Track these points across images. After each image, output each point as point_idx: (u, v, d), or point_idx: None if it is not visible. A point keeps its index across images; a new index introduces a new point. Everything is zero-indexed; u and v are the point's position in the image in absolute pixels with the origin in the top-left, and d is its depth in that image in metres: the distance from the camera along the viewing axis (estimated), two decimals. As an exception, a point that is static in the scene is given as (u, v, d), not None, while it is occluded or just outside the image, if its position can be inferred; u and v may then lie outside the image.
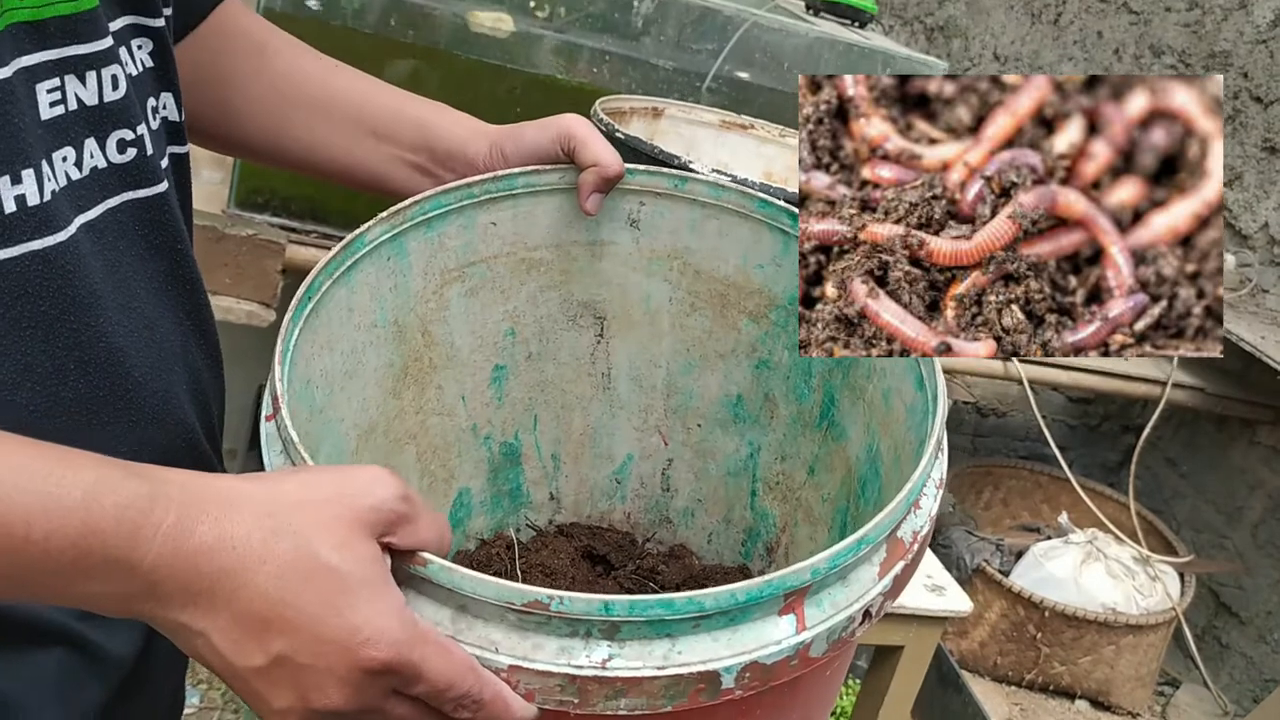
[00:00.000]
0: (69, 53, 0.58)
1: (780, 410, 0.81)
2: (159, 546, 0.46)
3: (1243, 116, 2.52)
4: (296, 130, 0.82)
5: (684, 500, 0.90)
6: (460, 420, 0.85)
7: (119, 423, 0.62)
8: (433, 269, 0.78)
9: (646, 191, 0.79)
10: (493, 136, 0.80)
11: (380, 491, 0.52)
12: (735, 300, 0.80)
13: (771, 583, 0.51)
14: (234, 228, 1.71)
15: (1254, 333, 2.15)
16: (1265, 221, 2.44)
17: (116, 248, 0.62)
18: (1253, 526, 2.39)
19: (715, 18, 2.09)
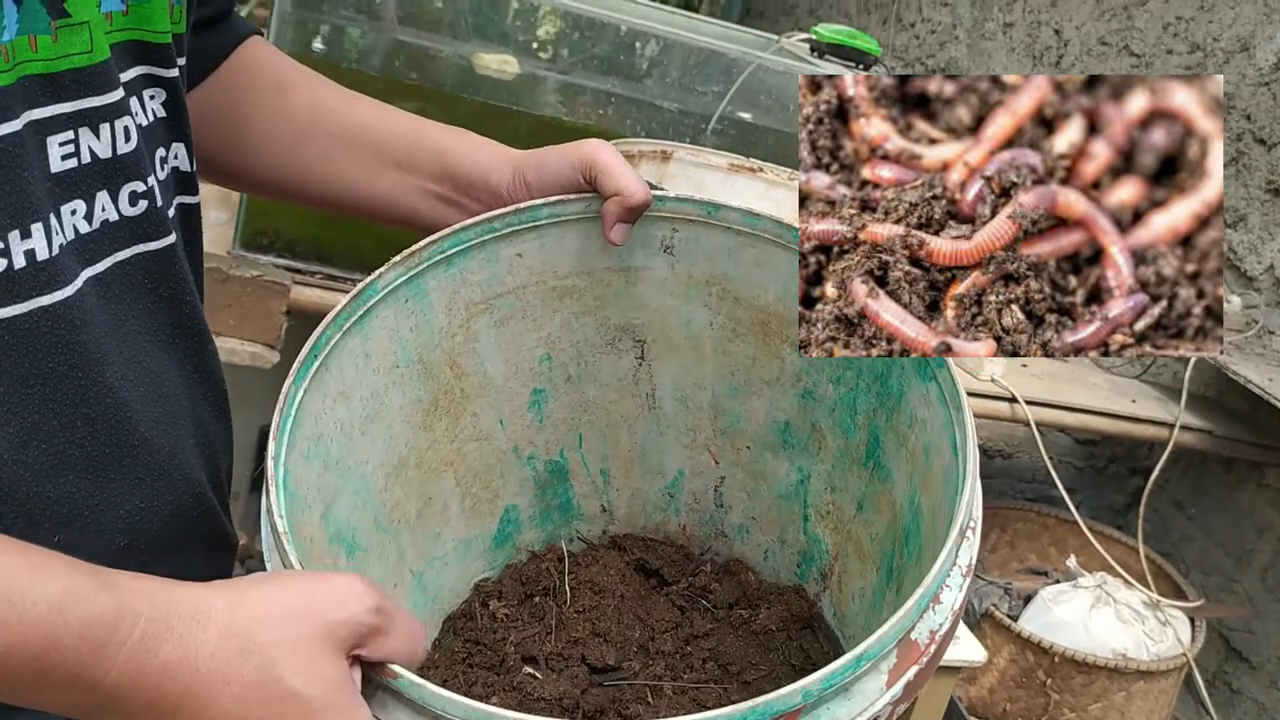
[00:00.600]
0: (83, 105, 0.58)
1: (828, 442, 0.79)
2: (122, 665, 0.46)
3: (1246, 159, 2.52)
4: (316, 165, 0.81)
5: (738, 517, 0.87)
6: (500, 443, 0.84)
7: (125, 479, 0.61)
8: (456, 304, 0.76)
9: (679, 218, 0.75)
10: (516, 163, 0.78)
11: (352, 605, 0.51)
12: (777, 329, 0.77)
13: (756, 709, 0.49)
14: (239, 269, 1.71)
15: (1261, 375, 2.14)
16: (1270, 264, 2.43)
17: (123, 301, 0.61)
18: (1262, 570, 2.37)
19: (720, 60, 2.09)
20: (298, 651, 0.49)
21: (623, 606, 0.83)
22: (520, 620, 0.83)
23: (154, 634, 0.47)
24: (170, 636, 0.47)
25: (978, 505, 0.61)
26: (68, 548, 0.58)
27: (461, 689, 0.79)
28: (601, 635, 0.80)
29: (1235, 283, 2.52)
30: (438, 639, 0.83)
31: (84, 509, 0.58)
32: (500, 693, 0.78)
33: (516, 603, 0.85)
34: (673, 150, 1.23)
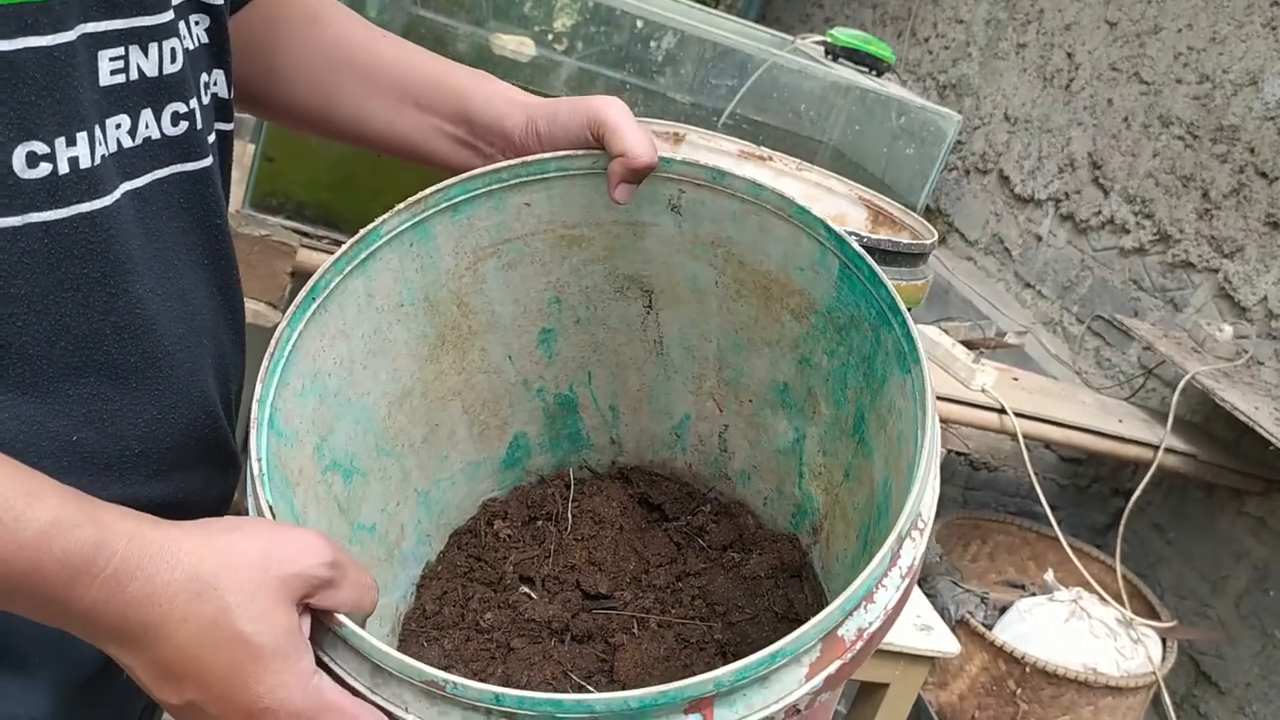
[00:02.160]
0: (135, 24, 0.59)
1: (821, 409, 0.80)
2: (94, 593, 0.50)
3: (1247, 190, 2.55)
4: (343, 99, 0.82)
5: (740, 463, 0.88)
6: (509, 376, 0.85)
7: (146, 389, 0.63)
8: (464, 248, 0.77)
9: (685, 180, 0.75)
10: (530, 111, 0.77)
11: (306, 559, 0.55)
12: (778, 296, 0.78)
13: (668, 693, 0.52)
14: (247, 227, 1.73)
15: (1248, 403, 2.16)
16: (1265, 295, 2.46)
17: (160, 218, 0.63)
18: (1237, 596, 2.40)
19: (735, 56, 2.12)
20: (253, 600, 0.53)
21: (620, 538, 0.85)
22: (522, 541, 0.85)
23: (126, 571, 0.51)
24: (140, 574, 0.51)
25: (929, 508, 0.61)
26: (86, 448, 0.60)
27: (459, 601, 0.81)
28: (597, 564, 0.83)
29: (1229, 312, 2.55)
30: (442, 552, 0.86)
31: (103, 412, 0.60)
32: (495, 609, 0.80)
33: (520, 524, 0.87)
34: (685, 133, 1.25)
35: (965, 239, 3.55)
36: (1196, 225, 2.68)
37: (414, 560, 0.84)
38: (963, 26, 3.87)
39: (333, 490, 0.72)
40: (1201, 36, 2.78)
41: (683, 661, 0.76)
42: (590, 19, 2.30)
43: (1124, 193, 2.92)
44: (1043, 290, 3.16)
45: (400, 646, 0.79)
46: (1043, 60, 3.37)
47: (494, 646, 0.78)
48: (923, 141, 2.19)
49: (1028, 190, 3.29)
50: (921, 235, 1.25)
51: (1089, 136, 3.10)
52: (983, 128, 3.58)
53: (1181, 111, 2.79)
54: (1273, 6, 2.59)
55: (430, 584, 0.83)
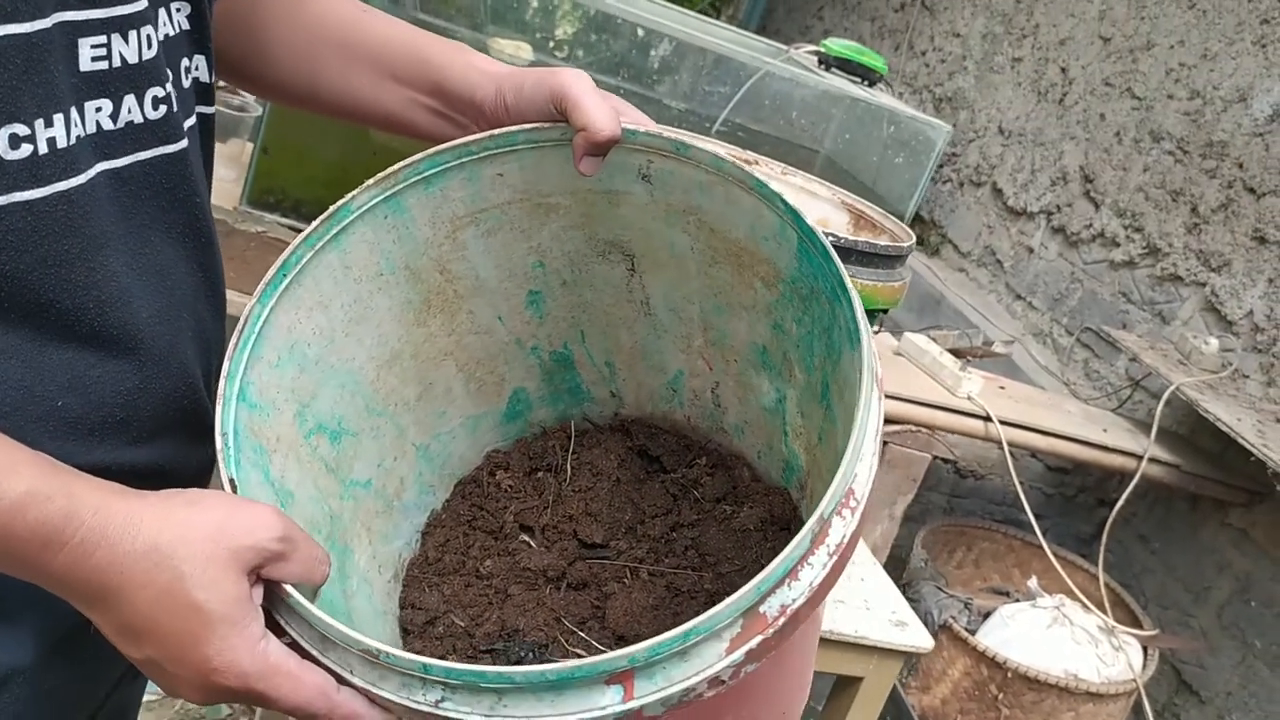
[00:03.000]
0: (115, 12, 0.62)
1: (796, 373, 0.81)
2: (63, 559, 0.55)
3: (1235, 205, 2.58)
4: (327, 74, 0.85)
5: (734, 418, 0.90)
6: (501, 336, 0.87)
7: (126, 360, 0.66)
8: (440, 218, 0.79)
9: (652, 151, 0.75)
10: (500, 82, 0.78)
11: (260, 532, 0.60)
12: (749, 264, 0.78)
13: (582, 668, 0.55)
14: (244, 224, 1.75)
15: (1231, 415, 2.19)
16: (1250, 309, 2.49)
17: (139, 196, 0.66)
18: (1218, 607, 2.42)
19: (729, 65, 2.15)
20: (207, 570, 0.57)
21: (617, 490, 0.88)
22: (523, 492, 0.89)
23: (91, 540, 0.56)
24: (104, 544, 0.56)
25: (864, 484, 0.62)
26: (69, 413, 0.63)
27: (461, 549, 0.85)
28: (593, 515, 0.86)
29: (1215, 325, 2.57)
30: (448, 500, 0.89)
31: (86, 379, 0.64)
32: (494, 556, 0.84)
33: (522, 475, 0.90)
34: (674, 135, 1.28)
35: (958, 250, 3.58)
36: (1185, 239, 2.71)
37: (418, 509, 0.87)
38: (959, 40, 3.90)
39: (319, 452, 0.75)
40: (1193, 53, 2.81)
41: (672, 610, 0.79)
42: (590, 26, 2.33)
43: (1115, 206, 2.95)
44: (1033, 302, 3.18)
45: (403, 592, 0.83)
46: (1037, 74, 3.41)
47: (491, 593, 0.82)
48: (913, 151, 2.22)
49: (1020, 203, 3.32)
50: (900, 238, 1.28)
51: (1081, 150, 3.13)
52: (977, 140, 3.61)
53: (1172, 127, 2.82)
54: (1263, 25, 2.62)
55: (434, 532, 0.87)
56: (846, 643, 1.27)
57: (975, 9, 3.85)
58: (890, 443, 2.11)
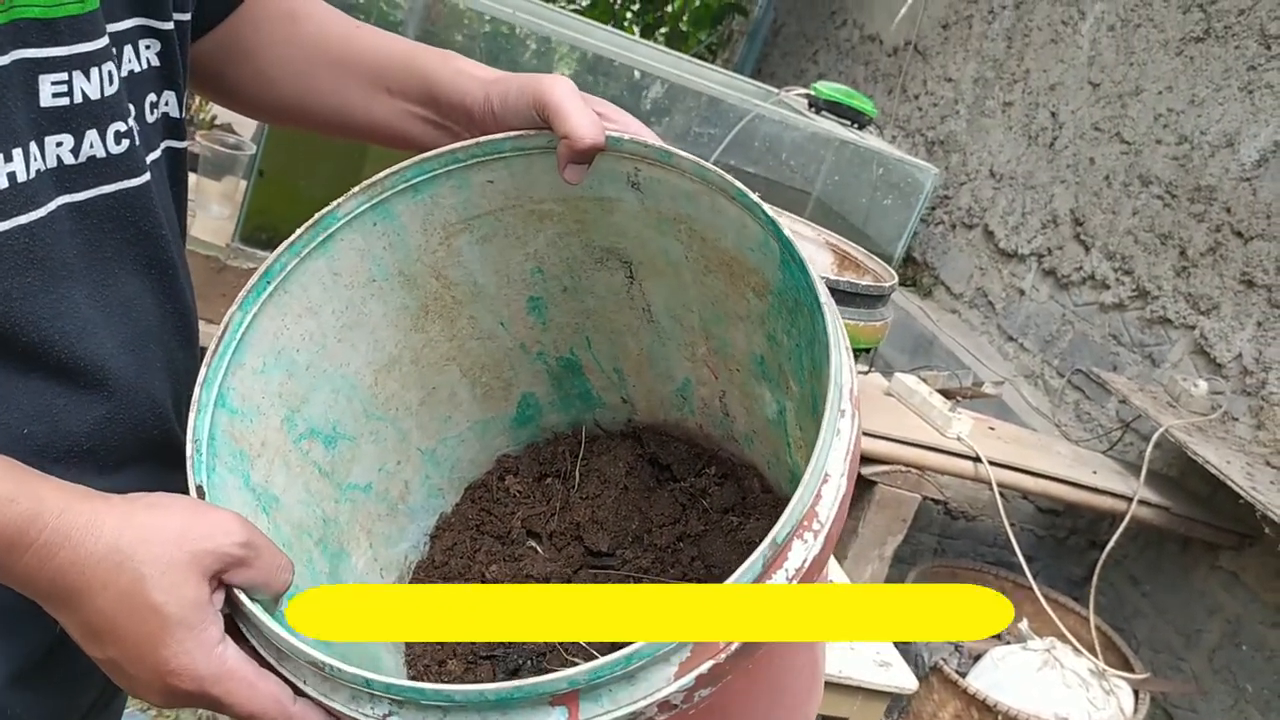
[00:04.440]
0: (76, 50, 0.63)
1: (791, 385, 0.80)
2: (27, 561, 0.56)
3: (1223, 249, 2.60)
4: (322, 91, 0.85)
5: (743, 427, 0.89)
6: (505, 341, 0.87)
7: (93, 391, 0.66)
8: (432, 225, 0.78)
9: (639, 158, 0.73)
10: (488, 87, 0.77)
11: (220, 537, 0.60)
12: (740, 273, 0.77)
13: (523, 688, 0.54)
14: (236, 260, 1.76)
15: (1220, 457, 2.19)
16: (1239, 352, 2.50)
17: (102, 230, 0.67)
18: (1210, 650, 2.41)
19: (720, 106, 2.17)
20: (166, 573, 0.58)
21: (624, 498, 0.87)
22: (532, 497, 0.88)
23: (55, 542, 0.56)
24: (67, 545, 0.57)
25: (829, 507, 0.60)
26: (36, 441, 0.64)
27: (467, 553, 0.85)
28: (599, 522, 0.85)
29: (1204, 368, 2.59)
30: (457, 504, 0.89)
31: (53, 408, 0.65)
32: (500, 562, 0.84)
33: (531, 480, 0.90)
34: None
35: (950, 292, 3.59)
36: (1174, 282, 2.73)
37: (425, 513, 0.87)
38: (951, 84, 3.95)
39: (310, 456, 0.75)
40: (1181, 99, 2.84)
41: None
42: (585, 68, 2.36)
43: (1104, 249, 2.97)
44: (1025, 343, 3.20)
45: None
46: (1028, 119, 3.44)
47: None
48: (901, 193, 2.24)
49: (1011, 245, 3.34)
50: (882, 278, 1.29)
51: (1071, 194, 3.15)
52: (969, 183, 3.64)
53: (1161, 171, 2.84)
54: (1249, 71, 2.65)
55: (443, 535, 0.87)
56: (831, 683, 1.27)
57: (967, 54, 3.90)
58: (880, 483, 2.11)
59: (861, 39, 4.83)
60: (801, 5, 5.59)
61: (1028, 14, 3.59)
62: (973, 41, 3.88)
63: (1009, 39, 3.66)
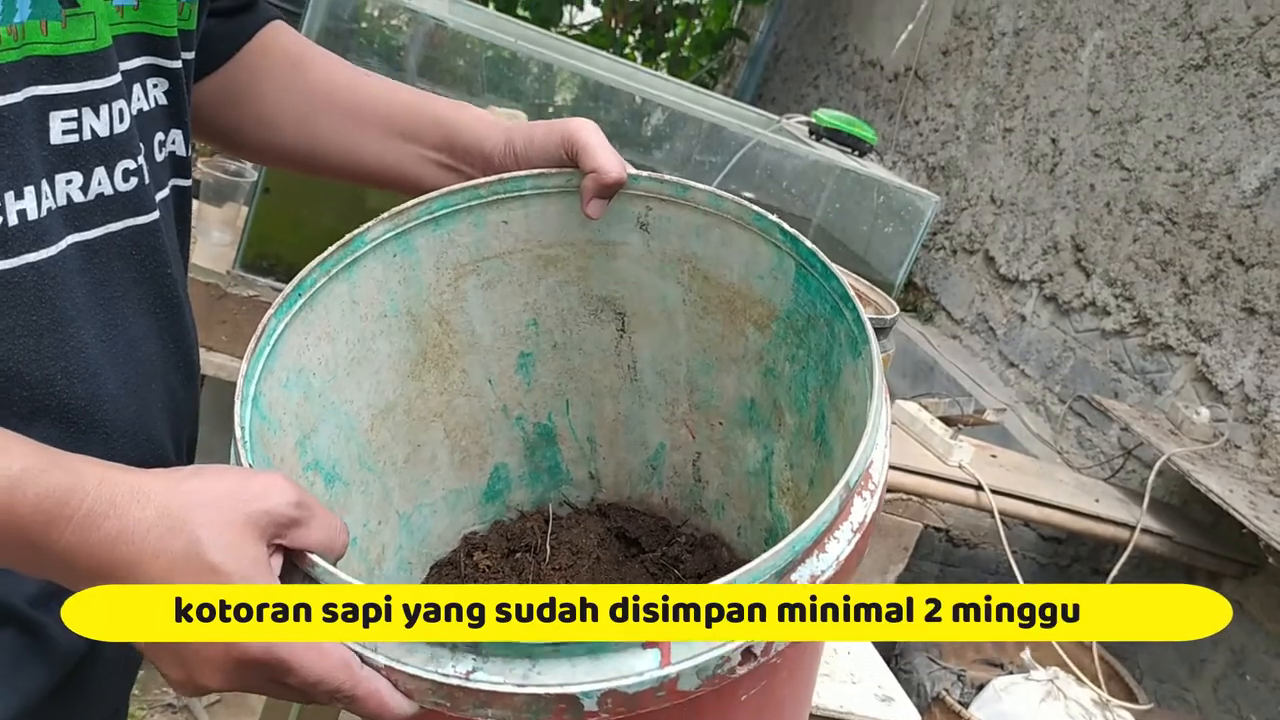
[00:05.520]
0: (87, 87, 0.63)
1: (786, 419, 0.81)
2: (70, 535, 0.52)
3: (1224, 277, 2.60)
4: (330, 137, 0.87)
5: (714, 493, 0.90)
6: (489, 401, 0.87)
7: (95, 432, 0.66)
8: (445, 263, 0.79)
9: (652, 197, 0.78)
10: (507, 133, 0.82)
11: (275, 497, 0.57)
12: (742, 308, 0.80)
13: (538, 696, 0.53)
14: (236, 288, 1.76)
15: (1224, 486, 2.18)
16: (1241, 379, 2.49)
17: (110, 268, 0.67)
18: (1214, 680, 2.39)
19: (722, 134, 2.17)
20: (222, 533, 0.54)
21: (597, 568, 0.87)
22: (501, 572, 0.87)
23: (99, 510, 0.53)
24: (113, 513, 0.53)
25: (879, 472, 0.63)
26: None
27: None
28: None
29: (1206, 395, 2.58)
30: (423, 582, 0.87)
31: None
32: None
33: (500, 556, 0.89)
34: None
35: (951, 317, 3.59)
36: (1175, 309, 2.73)
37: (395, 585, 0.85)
38: (952, 111, 3.96)
39: (315, 489, 0.75)
40: (1180, 126, 2.85)
41: None
42: (588, 95, 2.36)
43: (1105, 276, 2.97)
44: (1026, 370, 3.19)
45: None
46: (1028, 145, 3.45)
47: None
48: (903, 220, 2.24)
49: (1012, 271, 3.34)
50: (884, 310, 1.29)
51: (1072, 220, 3.15)
52: (970, 209, 3.65)
53: (1161, 198, 2.84)
54: (1249, 99, 2.66)
55: None
56: (830, 718, 1.26)
57: (967, 80, 3.91)
58: (882, 511, 2.10)
59: (862, 64, 4.85)
60: (802, 31, 5.61)
61: (1027, 41, 3.60)
62: (973, 68, 3.89)
63: (1009, 66, 3.67)
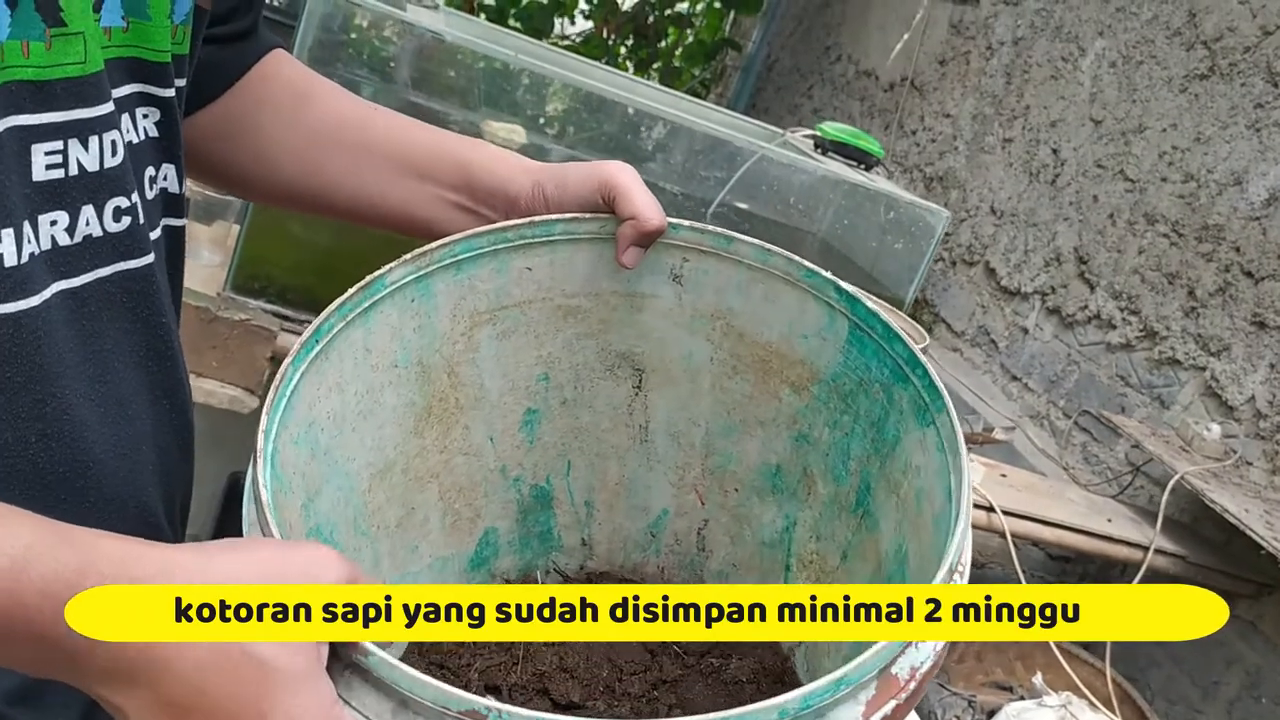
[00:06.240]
0: (74, 116, 0.57)
1: (818, 488, 0.77)
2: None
3: (1233, 290, 2.56)
4: (337, 175, 0.81)
5: (718, 563, 0.86)
6: (488, 461, 0.83)
7: (78, 501, 0.59)
8: (461, 311, 0.75)
9: (690, 248, 0.75)
10: (535, 175, 0.77)
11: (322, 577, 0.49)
12: (778, 369, 0.76)
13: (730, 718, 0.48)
14: (227, 311, 1.70)
15: (1238, 505, 2.14)
16: (1252, 395, 2.45)
17: (99, 318, 0.60)
18: (1228, 703, 2.35)
19: (724, 148, 2.12)
20: None
21: (591, 644, 0.81)
22: (487, 648, 0.82)
23: None
24: None
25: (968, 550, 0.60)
26: None
27: None
28: (568, 671, 0.79)
29: (1216, 411, 2.54)
30: (402, 657, 0.81)
31: None
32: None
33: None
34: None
35: (952, 330, 3.55)
36: (1183, 323, 2.69)
37: None
38: (949, 120, 3.92)
39: None
40: (1186, 137, 2.81)
41: None
42: (582, 106, 2.31)
43: (1110, 288, 2.93)
44: (1029, 383, 3.15)
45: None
46: (1028, 155, 3.41)
47: None
48: (912, 236, 2.20)
49: (1014, 283, 3.30)
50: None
51: (1075, 232, 3.11)
52: (969, 220, 3.60)
53: (1167, 210, 2.81)
54: (1256, 109, 2.62)
55: None
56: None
57: (965, 90, 3.87)
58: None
59: (857, 74, 4.81)
60: (795, 41, 5.57)
61: (1027, 50, 3.57)
62: (971, 77, 3.86)
63: (1008, 75, 3.64)
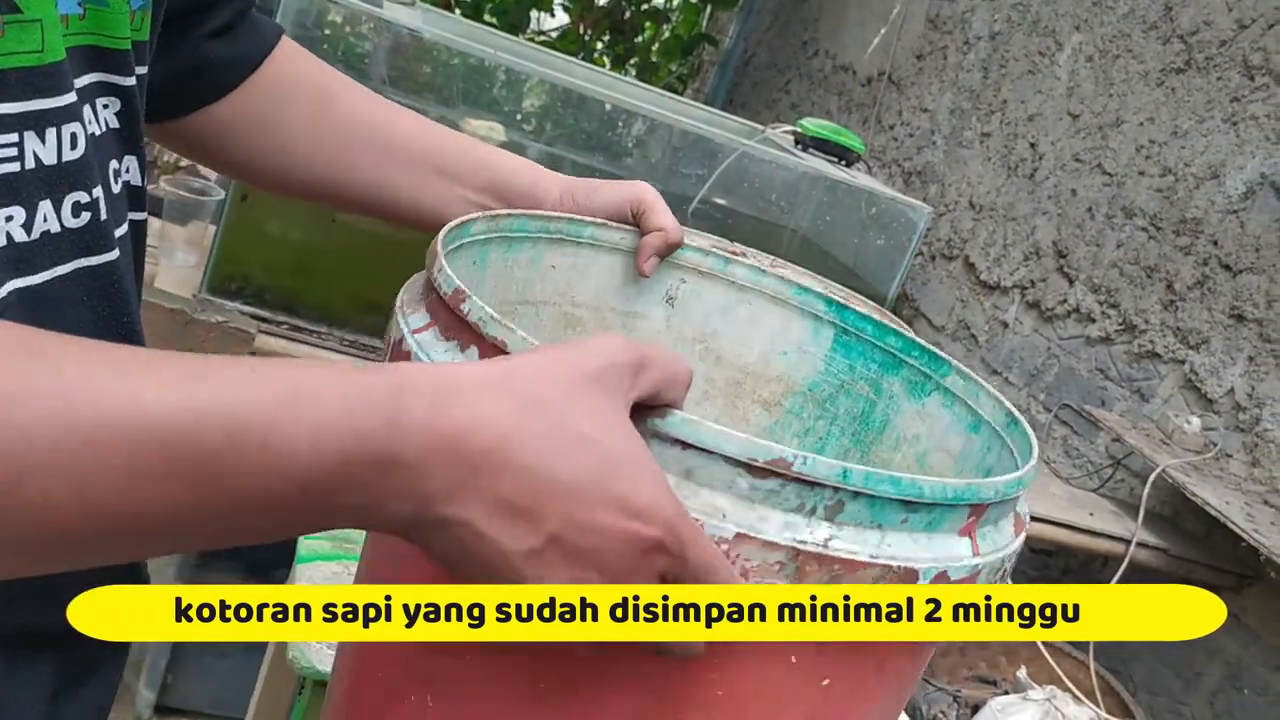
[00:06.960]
0: (31, 107, 0.54)
1: None
2: (419, 437, 0.43)
3: (1211, 283, 2.57)
4: (362, 172, 0.83)
5: None
6: None
7: None
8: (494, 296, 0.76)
9: (690, 268, 0.81)
10: (564, 183, 0.82)
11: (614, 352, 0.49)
12: (750, 389, 0.81)
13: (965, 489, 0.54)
14: (204, 313, 1.68)
15: (1218, 497, 2.15)
16: (1231, 387, 2.46)
17: (59, 317, 0.58)
18: (1210, 694, 2.36)
19: (704, 144, 2.11)
20: (584, 402, 0.47)
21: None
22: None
23: (441, 401, 0.44)
24: (458, 402, 0.45)
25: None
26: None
27: None
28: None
29: (1195, 404, 2.55)
30: None
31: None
32: None
33: None
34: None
35: (931, 324, 3.55)
36: (1162, 316, 2.69)
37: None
38: (927, 115, 3.92)
39: None
40: (1163, 130, 2.82)
41: None
42: (560, 103, 2.30)
43: (1089, 282, 2.94)
44: (1009, 378, 3.15)
45: None
46: (1006, 149, 3.41)
47: None
48: (893, 232, 2.19)
49: (993, 277, 3.31)
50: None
51: (1053, 225, 3.12)
52: (948, 214, 3.61)
53: (1145, 203, 2.81)
54: (1233, 103, 2.63)
55: None
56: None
57: (942, 84, 3.87)
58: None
59: (834, 69, 4.81)
60: (772, 36, 5.57)
61: (1004, 45, 3.57)
62: (948, 72, 3.86)
63: (985, 69, 3.64)
